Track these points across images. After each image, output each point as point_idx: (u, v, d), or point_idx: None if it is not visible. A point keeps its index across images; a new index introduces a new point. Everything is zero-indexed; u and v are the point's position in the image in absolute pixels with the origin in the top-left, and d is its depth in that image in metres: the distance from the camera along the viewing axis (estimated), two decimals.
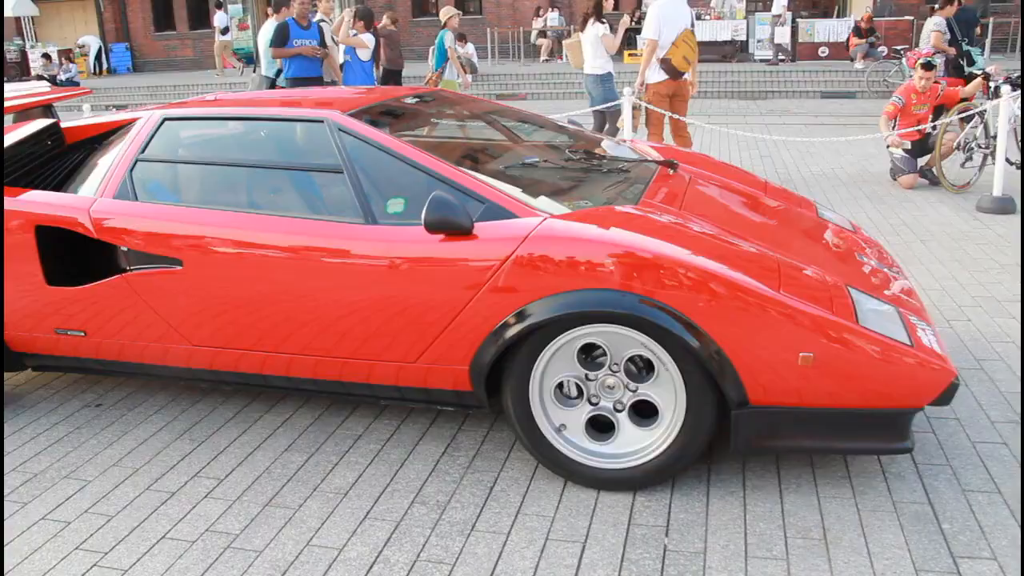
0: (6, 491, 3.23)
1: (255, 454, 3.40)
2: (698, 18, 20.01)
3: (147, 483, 3.23)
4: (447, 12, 10.42)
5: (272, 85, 9.09)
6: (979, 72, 9.50)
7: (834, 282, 3.00)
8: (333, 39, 9.20)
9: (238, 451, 3.43)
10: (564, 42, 9.52)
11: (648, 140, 7.94)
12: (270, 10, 9.54)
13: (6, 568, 2.76)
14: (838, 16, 21.12)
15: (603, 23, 8.51)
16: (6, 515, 3.07)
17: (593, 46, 8.61)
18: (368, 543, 2.79)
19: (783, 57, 19.04)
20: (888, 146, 8.06)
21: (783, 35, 19.07)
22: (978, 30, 11.33)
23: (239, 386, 3.54)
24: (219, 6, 23.52)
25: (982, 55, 11.33)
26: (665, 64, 7.76)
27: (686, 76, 7.90)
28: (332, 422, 3.64)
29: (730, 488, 3.02)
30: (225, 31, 22.94)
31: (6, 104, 4.71)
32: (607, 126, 8.99)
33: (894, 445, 2.81)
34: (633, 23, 21.15)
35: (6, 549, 2.87)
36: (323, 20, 9.09)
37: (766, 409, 2.79)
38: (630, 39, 21.26)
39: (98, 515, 3.04)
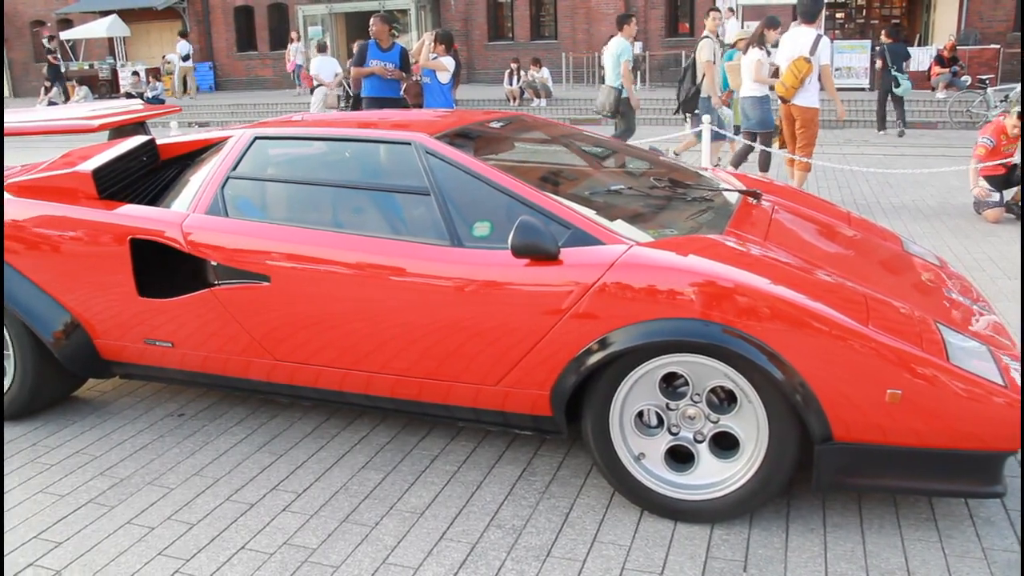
0: (94, 494, 3.32)
1: (332, 470, 3.45)
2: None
3: (227, 494, 3.29)
4: (739, 35, 10.79)
5: (619, 95, 9.61)
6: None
7: (923, 317, 2.94)
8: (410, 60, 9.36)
9: (316, 466, 3.48)
10: (726, 64, 9.85)
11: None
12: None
13: (96, 567, 2.85)
14: (919, 44, 20.75)
15: (761, 49, 8.90)
16: (94, 518, 3.16)
17: (748, 70, 8.98)
18: (443, 564, 2.80)
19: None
20: (974, 193, 7.89)
21: None
22: (905, 64, 14.16)
23: (318, 402, 3.59)
24: (183, 35, 24.80)
25: (908, 80, 14.10)
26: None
27: (795, 102, 8.12)
28: (409, 441, 3.67)
29: (810, 525, 2.96)
30: (186, 58, 24.17)
31: (104, 121, 4.88)
32: (754, 146, 9.36)
33: (984, 489, 2.72)
34: None
35: (94, 550, 2.95)
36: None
37: (850, 446, 2.74)
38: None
39: (180, 523, 3.10)
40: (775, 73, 8.50)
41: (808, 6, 8.00)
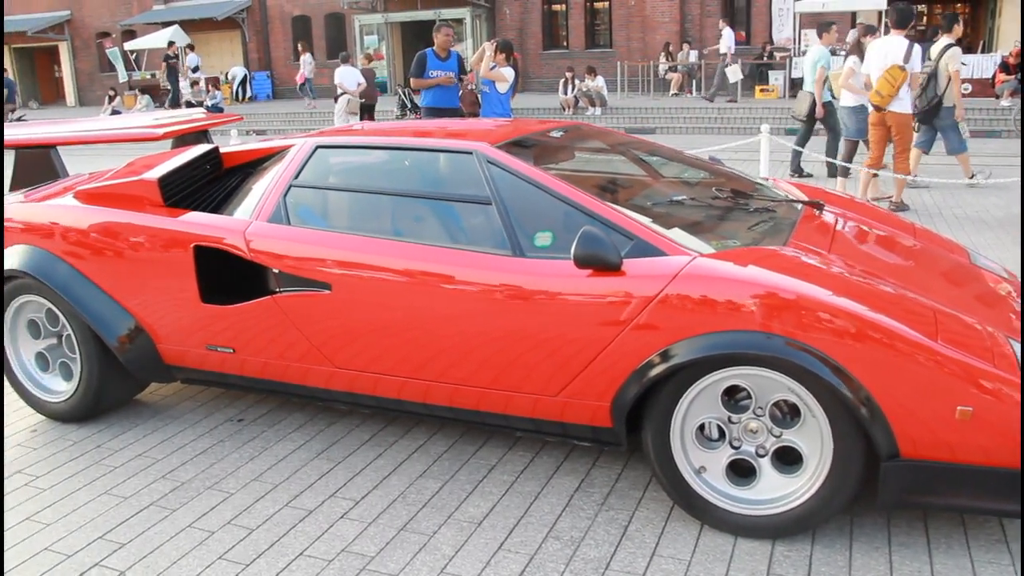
0: (156, 497, 3.37)
1: (390, 478, 3.46)
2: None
3: (286, 499, 3.32)
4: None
5: (814, 101, 10.14)
6: None
7: (994, 332, 2.86)
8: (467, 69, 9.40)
9: (373, 474, 3.49)
10: (831, 72, 10.09)
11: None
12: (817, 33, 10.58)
13: (158, 569, 2.89)
14: (983, 51, 20.33)
15: (858, 57, 9.03)
16: (156, 520, 3.20)
17: (846, 79, 9.14)
18: (501, 575, 2.79)
19: (730, 97, 19.59)
20: None
21: (734, 73, 19.31)
22: None
23: (376, 409, 3.60)
24: (191, 48, 25.63)
25: None
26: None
27: (890, 109, 8.15)
28: (466, 450, 3.67)
29: (874, 544, 2.89)
30: (195, 69, 24.98)
31: (168, 130, 4.97)
32: (853, 155, 9.49)
33: None
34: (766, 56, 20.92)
35: (157, 552, 3.00)
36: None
37: (917, 463, 2.67)
38: (761, 73, 21.06)
39: (240, 527, 3.13)
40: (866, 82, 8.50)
41: (901, 13, 8.02)
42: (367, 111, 16.03)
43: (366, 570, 2.84)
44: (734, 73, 19.21)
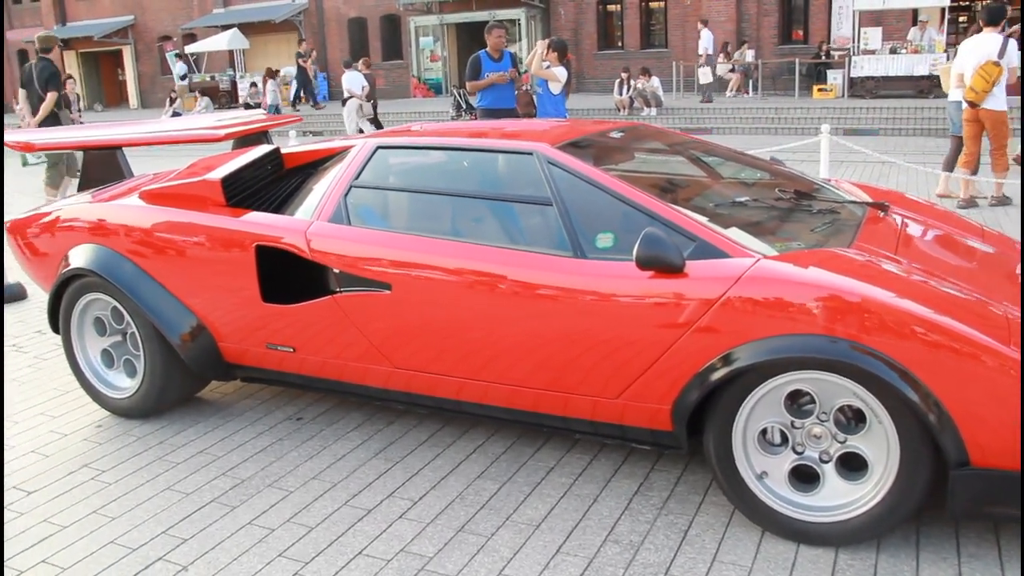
0: (217, 494, 3.42)
1: (448, 479, 3.46)
2: (892, 51, 19.24)
3: (344, 498, 3.34)
4: None
5: None
6: None
7: None
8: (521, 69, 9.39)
9: (431, 474, 3.50)
10: (940, 67, 9.96)
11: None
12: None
13: (219, 565, 2.92)
14: None
15: None
16: (217, 517, 3.25)
17: (946, 75, 9.20)
18: None
19: (704, 98, 19.76)
20: None
21: (705, 75, 19.59)
22: None
23: (434, 410, 3.61)
24: (180, 56, 27.21)
25: None
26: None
27: (984, 106, 8.13)
28: (524, 452, 3.65)
29: (942, 554, 2.82)
30: (184, 77, 26.45)
31: (229, 131, 5.05)
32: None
33: None
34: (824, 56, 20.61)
35: (218, 548, 3.03)
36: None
37: (988, 472, 2.60)
38: (819, 73, 20.74)
39: (299, 525, 3.16)
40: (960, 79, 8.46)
41: (992, 11, 8.06)
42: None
43: (424, 570, 2.85)
44: (705, 75, 19.28)
